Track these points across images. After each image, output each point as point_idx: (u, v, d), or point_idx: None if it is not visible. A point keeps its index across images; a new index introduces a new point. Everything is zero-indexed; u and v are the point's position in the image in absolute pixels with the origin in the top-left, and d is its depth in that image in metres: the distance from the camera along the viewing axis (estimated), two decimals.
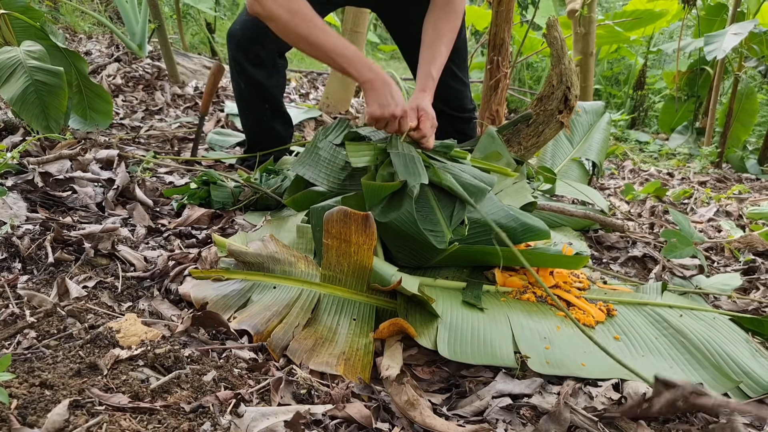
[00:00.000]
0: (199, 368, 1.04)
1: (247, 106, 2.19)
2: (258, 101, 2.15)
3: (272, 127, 2.22)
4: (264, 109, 2.17)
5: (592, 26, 4.49)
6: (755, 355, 1.29)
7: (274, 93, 2.16)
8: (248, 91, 2.12)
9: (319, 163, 1.76)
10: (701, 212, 2.83)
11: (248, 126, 2.25)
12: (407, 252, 1.46)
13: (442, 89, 2.01)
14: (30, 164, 1.83)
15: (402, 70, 7.98)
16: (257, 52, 2.02)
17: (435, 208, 1.43)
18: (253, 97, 2.13)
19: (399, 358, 1.16)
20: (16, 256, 1.36)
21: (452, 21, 1.82)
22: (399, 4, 2.06)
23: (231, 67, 2.11)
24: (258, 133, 2.24)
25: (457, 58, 2.13)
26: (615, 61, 7.90)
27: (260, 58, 2.04)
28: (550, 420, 1.01)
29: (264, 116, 2.18)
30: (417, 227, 1.36)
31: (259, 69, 2.06)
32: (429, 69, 1.77)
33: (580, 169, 2.59)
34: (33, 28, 2.21)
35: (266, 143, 2.24)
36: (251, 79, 2.07)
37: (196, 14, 5.82)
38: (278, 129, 2.25)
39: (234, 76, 2.12)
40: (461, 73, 2.19)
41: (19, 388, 0.89)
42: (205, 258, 1.45)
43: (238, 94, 2.17)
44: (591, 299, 1.45)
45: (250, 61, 2.04)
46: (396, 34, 2.22)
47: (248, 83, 2.09)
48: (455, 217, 1.42)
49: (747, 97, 4.88)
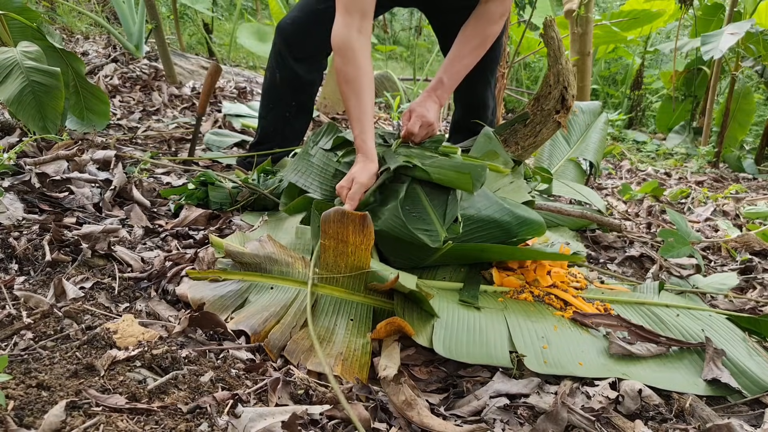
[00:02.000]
0: (196, 369, 1.04)
1: (274, 100, 2.21)
2: (288, 96, 2.19)
3: (291, 124, 2.26)
4: (290, 105, 2.21)
5: (589, 26, 4.50)
6: (752, 354, 1.30)
7: (308, 90, 2.21)
8: (282, 85, 2.15)
9: (311, 170, 1.78)
10: (698, 212, 2.84)
11: (267, 118, 2.27)
12: (402, 254, 1.46)
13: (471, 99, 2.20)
14: (27, 165, 1.83)
15: (399, 70, 7.99)
16: (303, 47, 2.07)
17: (427, 207, 1.43)
18: (285, 91, 2.17)
19: (396, 358, 1.16)
20: (12, 257, 1.36)
21: (483, 27, 1.83)
22: (445, 7, 2.09)
23: (272, 58, 2.15)
24: (275, 127, 2.27)
25: (494, 66, 2.23)
26: (612, 61, 7.92)
27: (305, 52, 2.09)
28: (548, 420, 1.02)
29: (288, 112, 2.22)
30: (407, 229, 1.36)
31: (300, 63, 2.10)
32: (441, 76, 1.84)
33: (577, 169, 2.59)
34: (30, 28, 2.21)
35: (280, 137, 2.27)
36: (290, 72, 2.11)
37: (193, 15, 5.82)
38: (296, 126, 2.29)
39: (272, 67, 2.15)
40: (494, 86, 2.25)
41: (15, 390, 0.89)
42: (202, 259, 1.45)
43: (269, 85, 2.20)
44: (588, 299, 1.45)
45: (294, 54, 2.08)
46: (440, 36, 2.26)
47: (286, 76, 2.13)
48: (448, 215, 1.42)
49: (744, 96, 4.89)
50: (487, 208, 1.46)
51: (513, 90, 6.54)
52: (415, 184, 1.47)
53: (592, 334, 1.30)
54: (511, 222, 1.44)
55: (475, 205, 1.46)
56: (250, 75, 4.58)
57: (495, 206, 1.46)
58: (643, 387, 1.12)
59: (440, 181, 1.44)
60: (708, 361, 1.22)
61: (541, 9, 5.82)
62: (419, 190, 1.46)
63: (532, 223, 1.44)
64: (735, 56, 4.63)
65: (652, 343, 1.26)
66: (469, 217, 1.43)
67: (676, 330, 1.35)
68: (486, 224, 1.44)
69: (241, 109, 3.30)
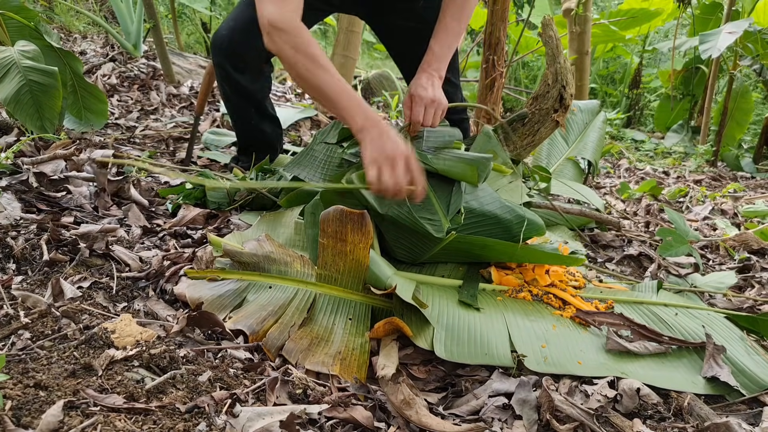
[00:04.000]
0: (194, 368, 1.03)
1: (234, 109, 2.18)
2: (244, 104, 2.14)
3: (261, 129, 2.22)
4: (250, 112, 2.16)
5: (587, 25, 4.50)
6: (750, 352, 1.30)
7: (259, 97, 2.14)
8: (233, 95, 2.10)
9: (315, 164, 1.77)
10: (696, 211, 2.84)
11: (237, 127, 2.26)
12: (405, 245, 1.46)
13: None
14: (24, 164, 1.82)
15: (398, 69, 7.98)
16: (242, 58, 1.98)
17: (431, 197, 1.43)
18: (239, 100, 2.12)
19: (395, 358, 1.16)
20: (10, 257, 1.36)
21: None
22: (385, 10, 2.03)
23: (216, 72, 2.07)
24: (247, 134, 2.25)
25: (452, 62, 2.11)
26: (610, 60, 7.92)
27: (245, 63, 2.00)
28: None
29: (251, 119, 2.18)
30: (413, 217, 1.36)
31: (243, 74, 2.02)
32: (432, 45, 1.67)
33: (575, 168, 2.59)
34: (27, 27, 2.20)
35: (256, 144, 2.25)
36: (236, 84, 2.04)
37: (191, 14, 5.81)
38: (266, 130, 2.24)
39: (219, 80, 2.09)
40: (453, 76, 2.17)
41: (13, 389, 0.89)
42: (200, 258, 1.45)
43: (225, 97, 2.16)
44: (587, 298, 1.45)
45: (234, 66, 2.00)
46: (384, 40, 2.19)
47: (233, 88, 2.07)
48: (452, 206, 1.43)
49: (742, 95, 4.90)
50: (489, 204, 1.46)
51: (511, 89, 6.53)
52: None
53: (591, 333, 1.30)
54: (512, 220, 1.44)
55: (477, 198, 1.46)
56: None
57: (497, 202, 1.47)
58: (641, 386, 1.12)
59: (445, 173, 1.44)
60: (708, 358, 1.22)
61: (539, 8, 5.83)
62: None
63: (532, 223, 1.44)
64: (733, 55, 4.64)
65: (655, 342, 1.27)
66: (471, 210, 1.44)
67: (675, 329, 1.35)
68: (487, 219, 1.44)
69: None
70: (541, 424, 1.03)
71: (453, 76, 2.13)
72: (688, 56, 6.14)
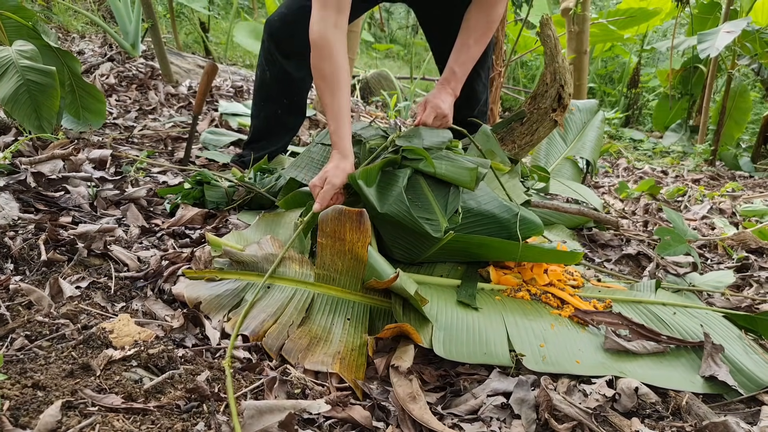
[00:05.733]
0: (192, 368, 1.03)
1: (265, 98, 2.20)
2: (279, 94, 2.17)
3: (284, 122, 2.25)
4: (282, 103, 2.19)
5: (585, 24, 4.50)
6: (748, 351, 1.30)
7: (300, 87, 2.19)
8: (272, 82, 2.14)
9: (312, 165, 1.78)
10: (695, 210, 2.85)
11: (260, 117, 2.27)
12: (403, 245, 1.46)
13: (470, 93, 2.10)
14: (22, 164, 1.82)
15: (396, 69, 7.98)
16: (291, 44, 2.05)
17: (429, 197, 1.44)
18: (276, 89, 2.15)
19: (411, 356, 1.17)
20: (8, 257, 1.35)
21: (486, 11, 1.82)
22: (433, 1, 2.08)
23: (261, 56, 2.13)
24: (267, 125, 2.26)
25: (486, 63, 2.19)
26: (609, 60, 7.93)
27: (293, 49, 2.06)
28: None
29: (280, 109, 2.20)
30: (411, 216, 1.37)
31: (289, 60, 2.08)
32: (452, 66, 1.85)
33: (573, 167, 2.59)
34: (25, 27, 2.20)
35: (273, 135, 2.27)
36: (280, 69, 2.09)
37: (189, 13, 5.80)
38: (289, 125, 2.28)
39: (262, 65, 2.14)
40: (486, 78, 2.23)
41: (11, 390, 0.89)
42: (198, 258, 1.45)
43: (260, 83, 2.18)
44: (585, 297, 1.45)
45: (283, 51, 2.06)
46: (427, 31, 2.25)
47: (275, 73, 2.11)
48: (450, 206, 1.43)
49: (740, 95, 4.90)
50: (487, 203, 1.46)
51: (510, 88, 6.54)
52: (417, 174, 1.49)
53: (589, 332, 1.30)
54: (510, 219, 1.44)
55: (475, 197, 1.47)
56: (246, 74, 4.57)
57: (495, 202, 1.47)
58: (639, 385, 1.12)
59: (443, 177, 1.46)
60: (706, 357, 1.22)
61: (537, 7, 5.82)
62: (422, 181, 1.48)
63: (530, 222, 1.44)
64: (731, 54, 4.64)
65: (653, 342, 1.27)
66: (469, 210, 1.44)
67: (674, 328, 1.35)
68: (485, 218, 1.44)
69: (237, 108, 3.29)
70: (540, 423, 1.03)
71: (485, 77, 2.24)
72: (686, 55, 6.15)
